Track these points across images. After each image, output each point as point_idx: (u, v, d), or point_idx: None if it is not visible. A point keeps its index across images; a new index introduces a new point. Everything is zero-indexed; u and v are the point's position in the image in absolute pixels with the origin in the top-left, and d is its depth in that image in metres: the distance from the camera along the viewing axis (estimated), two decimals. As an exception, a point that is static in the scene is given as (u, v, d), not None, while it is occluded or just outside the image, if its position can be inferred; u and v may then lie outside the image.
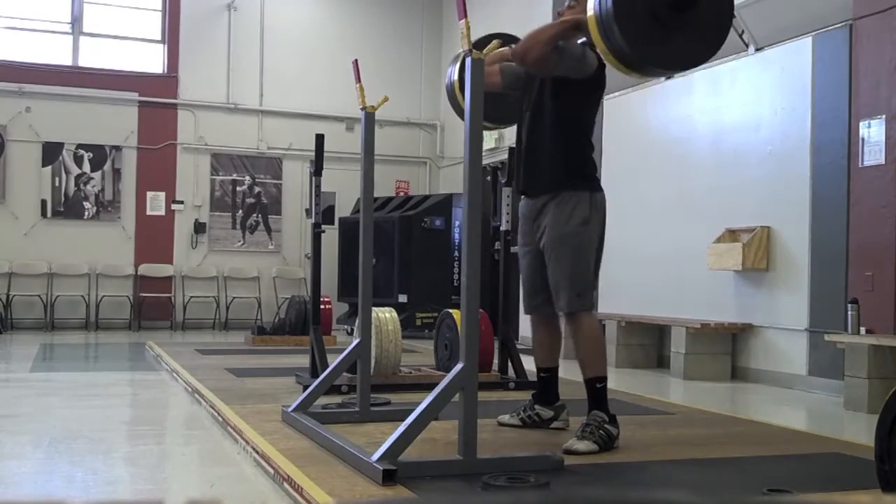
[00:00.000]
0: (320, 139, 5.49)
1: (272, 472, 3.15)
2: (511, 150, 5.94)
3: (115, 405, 5.19)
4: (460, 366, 3.04)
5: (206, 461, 3.70)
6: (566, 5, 3.88)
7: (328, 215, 10.96)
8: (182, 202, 11.38)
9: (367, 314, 4.19)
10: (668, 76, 4.17)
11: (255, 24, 11.68)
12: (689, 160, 7.34)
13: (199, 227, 11.45)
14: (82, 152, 10.95)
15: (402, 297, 10.00)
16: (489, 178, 10.28)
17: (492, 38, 3.71)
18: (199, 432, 4.21)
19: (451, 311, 5.69)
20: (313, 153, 5.52)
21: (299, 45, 11.88)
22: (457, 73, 4.24)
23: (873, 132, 5.50)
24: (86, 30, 11.19)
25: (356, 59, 4.37)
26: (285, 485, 2.98)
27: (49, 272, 10.68)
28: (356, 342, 4.11)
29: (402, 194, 11.86)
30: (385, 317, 5.41)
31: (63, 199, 10.87)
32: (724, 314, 6.79)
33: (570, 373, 4.46)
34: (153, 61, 11.47)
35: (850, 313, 5.41)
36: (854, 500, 2.90)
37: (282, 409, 4.14)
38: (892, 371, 5.19)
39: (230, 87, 11.60)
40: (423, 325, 9.90)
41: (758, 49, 6.67)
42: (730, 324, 6.70)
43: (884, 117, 5.44)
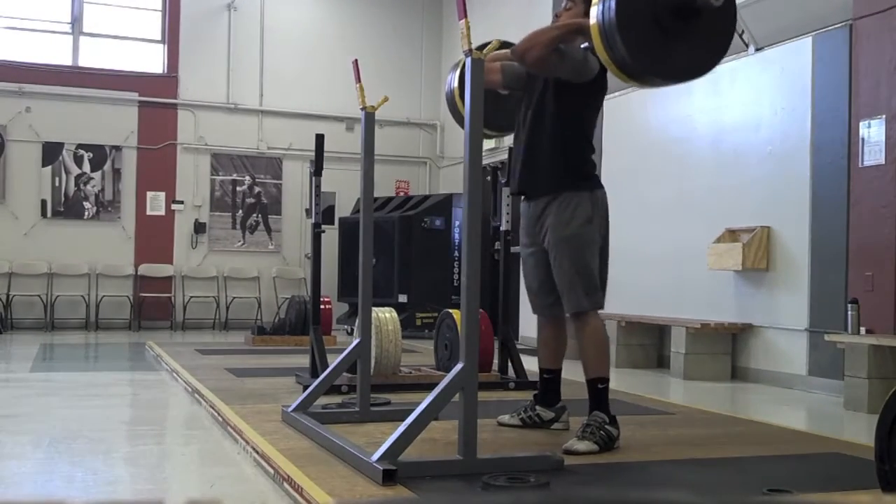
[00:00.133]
0: (320, 139, 5.49)
1: (272, 472, 3.15)
2: (511, 150, 5.95)
3: (115, 405, 5.19)
4: (460, 366, 3.04)
5: (206, 461, 3.71)
6: (563, 6, 3.88)
7: (328, 215, 10.96)
8: (182, 202, 11.38)
9: (367, 314, 4.19)
10: (669, 86, 4.20)
11: (255, 24, 11.68)
12: (689, 160, 7.34)
13: (199, 227, 11.45)
14: (82, 152, 10.95)
15: (402, 297, 10.00)
16: (489, 178, 10.28)
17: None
18: (199, 432, 4.21)
19: (451, 311, 5.69)
20: (313, 153, 5.52)
21: (299, 45, 11.88)
22: (457, 80, 4.23)
23: (873, 132, 5.50)
24: (86, 30, 11.19)
25: (356, 59, 4.36)
26: (285, 485, 2.98)
27: (49, 272, 10.68)
28: (356, 342, 4.11)
29: (402, 194, 11.86)
30: (385, 317, 5.41)
31: (63, 199, 10.87)
32: (724, 314, 6.79)
33: (570, 373, 4.46)
34: (153, 61, 11.47)
35: (850, 313, 5.41)
36: (854, 500, 2.90)
37: (282, 409, 4.14)
38: (892, 371, 5.19)
39: (230, 87, 11.60)
40: (423, 325, 9.90)
41: (758, 49, 6.67)
42: (730, 324, 6.70)
43: (884, 117, 5.44)
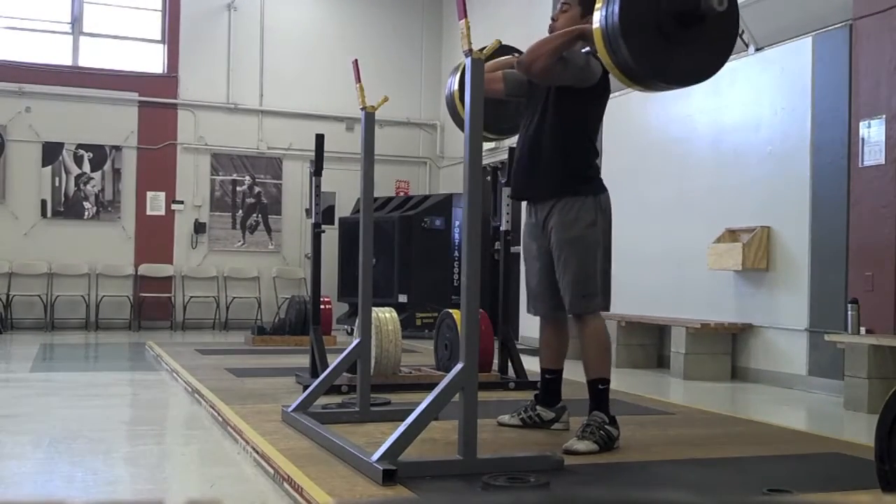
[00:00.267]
0: (320, 139, 5.49)
1: (272, 472, 3.15)
2: (511, 151, 5.95)
3: (115, 405, 5.19)
4: (460, 366, 3.04)
5: (206, 461, 3.71)
6: (559, 9, 3.88)
7: (328, 215, 10.96)
8: (182, 202, 11.38)
9: (367, 314, 4.19)
10: (672, 90, 4.18)
11: (255, 24, 11.68)
12: (689, 160, 7.34)
13: (199, 227, 11.45)
14: (82, 152, 10.95)
15: (402, 297, 10.00)
16: (489, 178, 10.28)
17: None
18: (199, 432, 4.21)
19: (451, 311, 5.69)
20: (313, 153, 5.52)
21: (299, 45, 11.88)
22: (457, 83, 4.23)
23: (873, 132, 5.50)
24: (86, 30, 11.19)
25: (356, 59, 4.36)
26: (285, 485, 2.98)
27: (49, 272, 10.68)
28: (356, 342, 4.11)
29: (402, 194, 11.86)
30: (385, 317, 5.41)
31: (63, 199, 10.87)
32: (724, 314, 6.79)
33: (571, 373, 4.46)
34: (153, 61, 11.47)
35: (850, 313, 5.41)
36: (854, 500, 2.90)
37: (282, 409, 4.14)
38: (892, 371, 5.19)
39: (230, 87, 11.60)
40: (423, 325, 9.90)
41: (758, 49, 6.67)
42: (730, 324, 6.70)
43: (884, 117, 5.44)
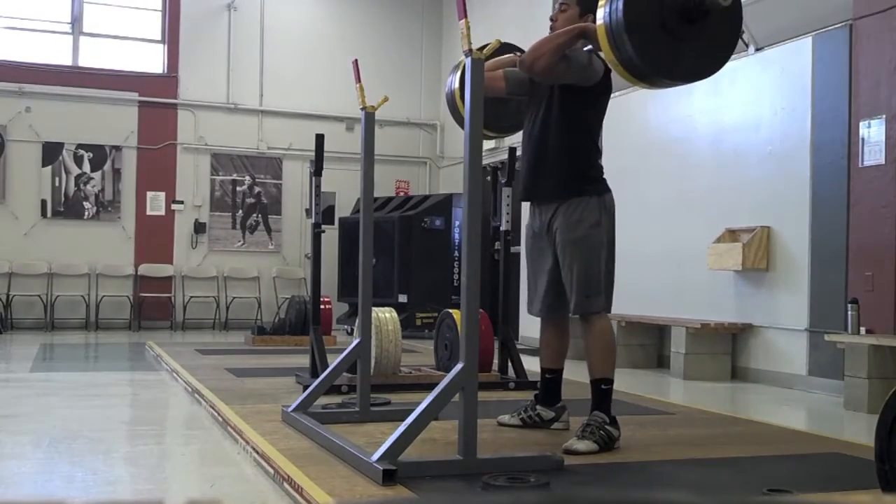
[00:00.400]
0: (320, 139, 5.49)
1: (272, 472, 3.15)
2: (511, 151, 5.95)
3: (115, 405, 5.19)
4: (460, 366, 3.04)
5: (206, 461, 3.70)
6: (558, 9, 3.87)
7: (328, 215, 10.96)
8: (182, 202, 11.38)
9: (367, 314, 4.19)
10: (676, 86, 4.17)
11: (255, 24, 11.68)
12: (689, 160, 7.34)
13: (199, 227, 11.45)
14: (82, 152, 10.95)
15: (402, 297, 10.00)
16: (489, 178, 10.28)
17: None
18: (199, 432, 4.21)
19: (451, 311, 5.69)
20: (313, 153, 5.52)
21: (299, 45, 11.88)
22: (457, 81, 4.23)
23: (873, 132, 5.50)
24: (86, 30, 11.19)
25: (356, 59, 4.36)
26: (285, 485, 2.98)
27: (49, 272, 10.68)
28: (356, 342, 4.11)
29: (402, 194, 11.86)
30: (385, 317, 5.41)
31: (63, 199, 10.87)
32: (724, 314, 6.79)
33: (571, 373, 4.46)
34: (153, 61, 11.47)
35: (850, 313, 5.41)
36: (854, 500, 2.89)
37: (282, 409, 4.14)
38: (893, 371, 5.19)
39: (230, 87, 11.60)
40: (423, 325, 9.90)
41: (758, 49, 6.67)
42: (730, 324, 6.70)
43: (884, 117, 5.44)
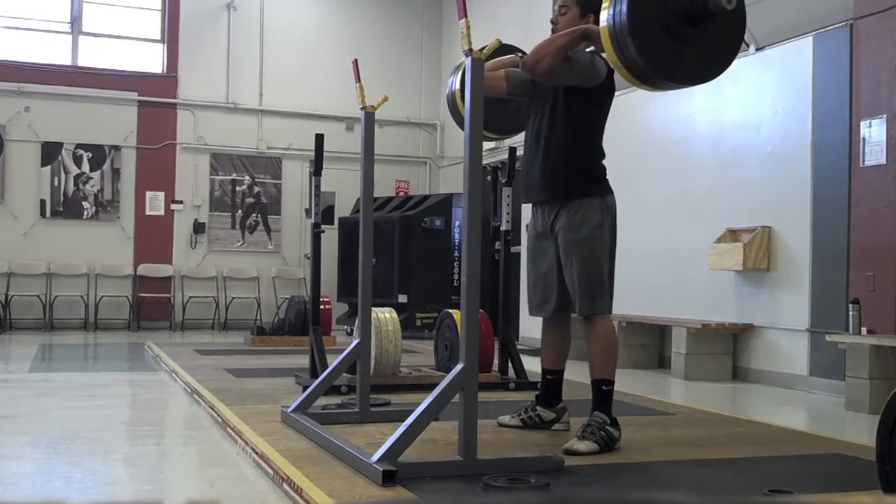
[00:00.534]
0: (320, 139, 5.48)
1: (271, 472, 3.15)
2: (511, 150, 5.94)
3: (114, 405, 5.18)
4: (460, 366, 3.03)
5: (205, 462, 3.70)
6: (558, 12, 3.86)
7: (328, 215, 10.95)
8: (181, 202, 11.37)
9: (367, 314, 4.18)
10: (679, 89, 4.15)
11: (255, 24, 11.67)
12: (690, 160, 7.34)
13: (199, 227, 11.44)
14: (81, 152, 10.94)
15: (402, 297, 9.99)
16: (489, 178, 10.27)
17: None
18: (199, 433, 4.20)
19: (451, 311, 5.68)
20: (313, 153, 5.51)
21: (299, 45, 11.87)
22: (458, 82, 4.22)
23: (874, 132, 5.50)
24: (85, 29, 11.18)
25: (356, 59, 4.35)
26: (285, 486, 2.97)
27: (48, 272, 10.67)
28: (356, 342, 4.10)
29: (402, 194, 11.85)
30: (385, 317, 5.40)
31: (62, 198, 10.86)
32: (724, 314, 6.78)
33: (571, 373, 4.45)
34: (153, 61, 11.46)
35: (851, 313, 5.40)
36: (855, 500, 2.89)
37: (281, 410, 4.13)
38: (894, 371, 5.18)
39: (230, 87, 11.59)
40: (423, 325, 9.89)
41: (758, 49, 6.66)
42: (731, 324, 6.69)
43: (885, 117, 5.43)
